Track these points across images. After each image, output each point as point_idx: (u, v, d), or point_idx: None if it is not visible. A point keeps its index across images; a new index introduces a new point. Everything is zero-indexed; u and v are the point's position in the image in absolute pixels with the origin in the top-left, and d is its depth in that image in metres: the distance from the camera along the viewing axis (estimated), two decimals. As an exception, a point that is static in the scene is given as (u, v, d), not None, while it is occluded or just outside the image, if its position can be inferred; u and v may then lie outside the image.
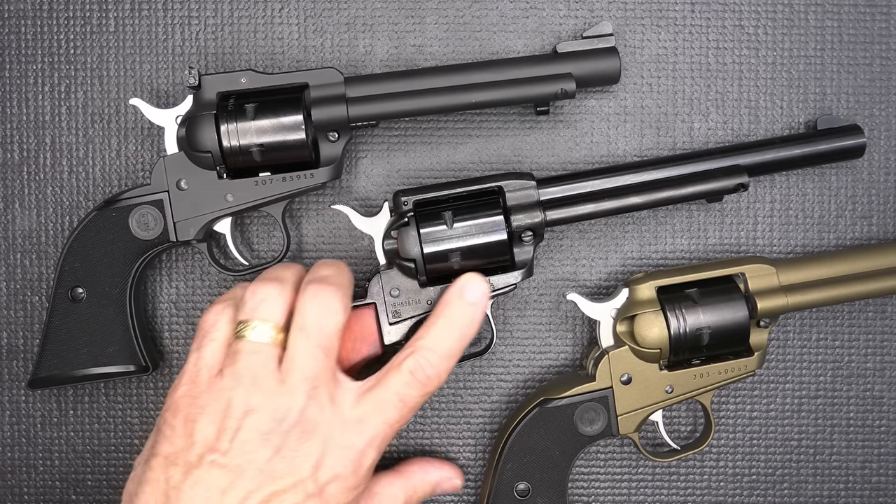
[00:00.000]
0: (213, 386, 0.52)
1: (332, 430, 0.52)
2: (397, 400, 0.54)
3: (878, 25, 0.72)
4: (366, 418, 0.53)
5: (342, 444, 0.52)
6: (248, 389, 0.51)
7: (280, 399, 0.51)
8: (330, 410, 0.52)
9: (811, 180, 0.72)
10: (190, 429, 0.51)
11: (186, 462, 0.50)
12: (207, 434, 0.51)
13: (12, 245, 0.71)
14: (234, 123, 0.62)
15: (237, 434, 0.50)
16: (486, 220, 0.62)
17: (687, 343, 0.64)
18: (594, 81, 0.67)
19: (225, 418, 0.51)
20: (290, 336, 0.53)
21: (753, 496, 0.73)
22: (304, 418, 0.51)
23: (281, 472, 0.50)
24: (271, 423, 0.51)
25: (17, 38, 0.71)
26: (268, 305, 0.54)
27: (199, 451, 0.50)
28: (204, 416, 0.51)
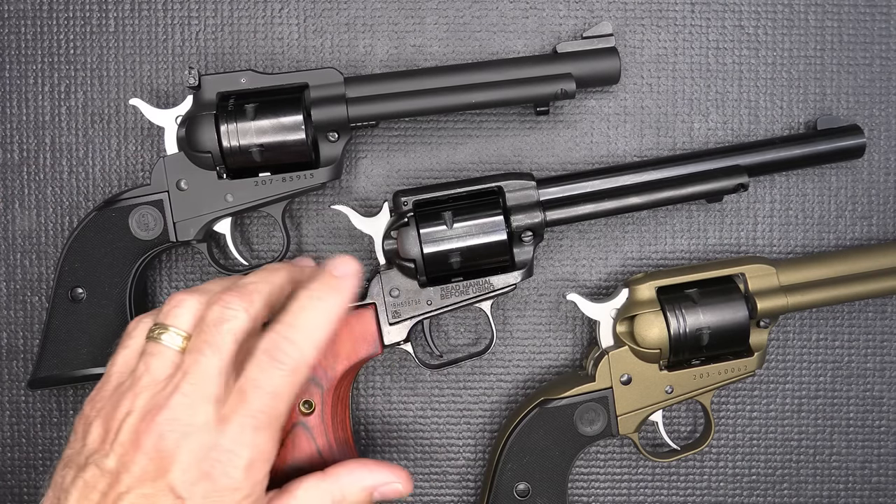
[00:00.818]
0: (115, 390, 0.52)
1: (204, 430, 0.49)
2: (253, 387, 0.50)
3: (878, 25, 0.72)
4: (230, 414, 0.50)
5: (211, 445, 0.49)
6: (137, 392, 0.50)
7: (159, 398, 0.50)
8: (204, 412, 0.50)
9: (811, 180, 0.72)
10: (85, 432, 0.51)
11: (77, 464, 0.50)
12: (95, 437, 0.50)
13: (12, 245, 0.71)
14: (233, 123, 0.62)
15: (117, 436, 0.49)
16: (485, 220, 0.62)
17: (687, 343, 0.64)
18: (594, 81, 0.67)
19: (109, 420, 0.50)
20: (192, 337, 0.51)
21: (753, 496, 0.73)
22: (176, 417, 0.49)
23: (151, 474, 0.48)
24: (146, 424, 0.49)
25: (17, 38, 0.71)
26: (179, 311, 0.52)
27: (87, 452, 0.50)
28: (98, 418, 0.51)
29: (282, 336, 0.52)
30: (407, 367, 0.72)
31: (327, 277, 0.54)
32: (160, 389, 0.50)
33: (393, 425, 0.72)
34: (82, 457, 0.50)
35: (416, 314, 0.63)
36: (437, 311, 0.64)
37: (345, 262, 0.55)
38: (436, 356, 0.68)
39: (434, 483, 0.72)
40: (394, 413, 0.72)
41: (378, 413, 0.72)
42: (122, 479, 0.49)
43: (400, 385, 0.72)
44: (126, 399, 0.50)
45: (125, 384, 0.51)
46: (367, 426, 0.72)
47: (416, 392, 0.72)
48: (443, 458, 0.72)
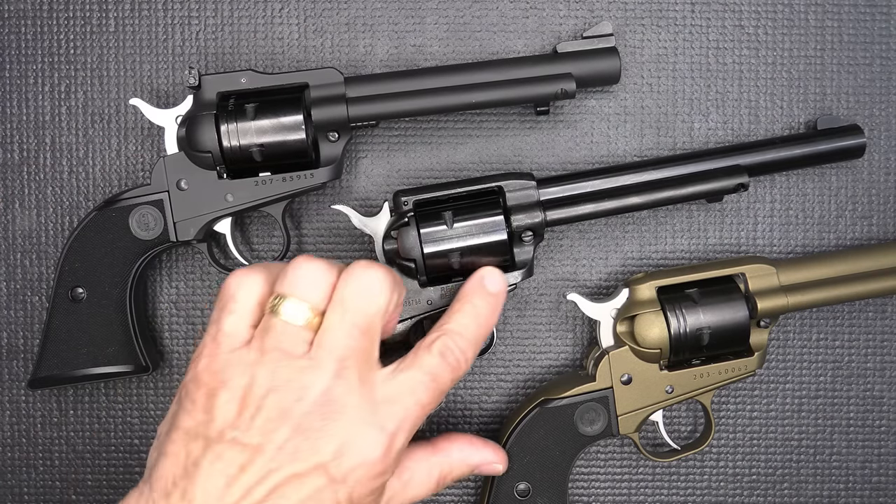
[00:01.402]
0: (236, 360, 0.50)
1: (359, 411, 0.50)
2: (429, 380, 0.52)
3: (878, 25, 0.72)
4: (396, 399, 0.51)
5: (370, 426, 0.50)
6: (274, 367, 0.49)
7: (305, 376, 0.49)
8: (358, 392, 0.50)
9: (811, 180, 0.73)
10: (211, 403, 0.49)
11: (206, 437, 0.49)
12: (228, 410, 0.49)
13: (12, 245, 0.71)
14: (234, 123, 0.62)
15: (259, 412, 0.48)
16: (486, 220, 0.62)
17: (687, 343, 0.64)
18: (594, 81, 0.67)
19: (247, 395, 0.49)
20: (328, 311, 0.51)
21: (753, 496, 0.73)
22: (330, 398, 0.49)
23: (303, 453, 0.48)
24: (293, 402, 0.49)
25: (17, 38, 0.71)
26: (309, 284, 0.51)
27: (220, 426, 0.49)
28: (225, 390, 0.49)
29: (456, 345, 0.54)
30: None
31: (487, 295, 0.57)
32: (304, 367, 0.49)
33: (393, 425, 0.72)
34: (213, 430, 0.49)
35: (416, 314, 0.63)
36: (437, 310, 0.63)
37: (496, 276, 0.58)
38: None
39: (434, 483, 0.72)
40: (394, 413, 0.72)
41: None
42: (267, 455, 0.48)
43: (400, 385, 0.72)
44: (262, 374, 0.49)
45: (251, 356, 0.50)
46: (367, 426, 0.72)
47: (417, 392, 0.72)
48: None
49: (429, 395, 0.52)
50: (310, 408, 0.49)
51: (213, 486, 0.47)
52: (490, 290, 0.57)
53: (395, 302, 0.53)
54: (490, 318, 0.57)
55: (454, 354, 0.54)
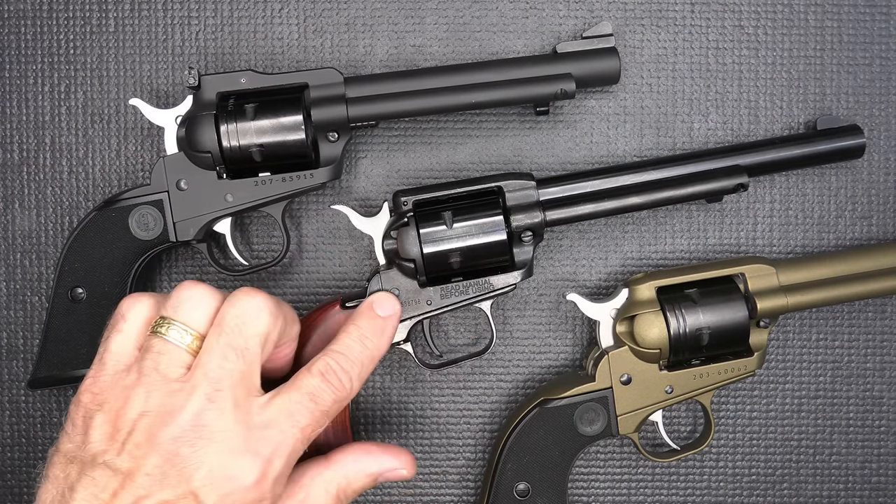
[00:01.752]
0: (116, 382, 0.50)
1: (232, 437, 0.48)
2: (307, 400, 0.51)
3: (878, 25, 0.72)
4: (273, 423, 0.49)
5: (243, 453, 0.48)
6: (148, 390, 0.49)
7: (176, 399, 0.48)
8: (232, 416, 0.49)
9: (811, 180, 0.72)
10: (87, 425, 0.49)
11: (82, 461, 0.48)
12: (102, 433, 0.48)
13: (12, 245, 0.71)
14: (233, 124, 0.62)
15: (130, 436, 0.48)
16: (485, 220, 0.62)
17: (687, 343, 0.64)
18: (594, 81, 0.67)
19: (118, 418, 0.48)
20: (208, 334, 0.50)
21: (753, 496, 0.73)
22: (201, 422, 0.48)
23: (171, 479, 0.47)
24: (162, 427, 0.48)
25: (17, 38, 0.71)
26: (191, 308, 0.51)
27: (94, 450, 0.48)
28: (101, 413, 0.49)
29: (338, 364, 0.53)
30: (407, 367, 0.72)
31: (374, 318, 0.57)
32: (176, 390, 0.49)
33: (393, 425, 0.72)
34: (87, 453, 0.48)
35: (415, 314, 0.63)
36: (436, 310, 0.63)
37: (388, 301, 0.58)
38: (436, 356, 0.68)
39: (434, 483, 0.72)
40: (394, 413, 0.72)
41: (378, 413, 0.72)
42: (137, 481, 0.47)
43: (400, 385, 0.72)
44: (136, 396, 0.49)
45: (129, 378, 0.49)
46: (366, 426, 0.72)
47: (416, 392, 0.72)
48: (443, 458, 0.72)
49: (308, 418, 0.51)
50: (179, 433, 0.48)
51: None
52: (379, 314, 0.57)
53: (277, 329, 0.52)
54: (376, 341, 0.56)
55: (335, 374, 0.52)
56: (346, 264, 0.71)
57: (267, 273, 0.71)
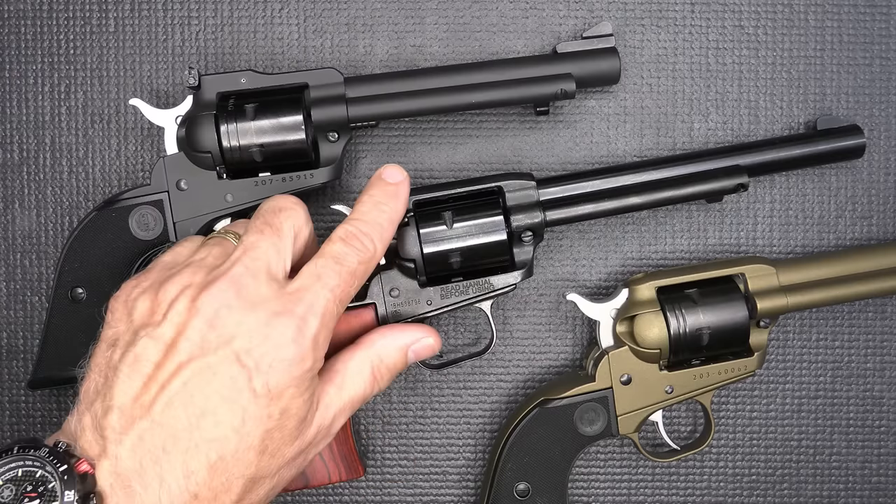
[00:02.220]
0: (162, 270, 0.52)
1: (268, 301, 0.49)
2: (333, 262, 0.52)
3: (878, 25, 0.72)
4: (303, 286, 0.51)
5: (280, 314, 0.49)
6: (194, 270, 0.51)
7: (217, 272, 0.50)
8: (266, 283, 0.50)
9: (811, 180, 0.72)
10: (130, 308, 0.50)
11: (125, 341, 0.49)
12: (143, 309, 0.50)
13: (12, 245, 0.71)
14: (233, 124, 0.62)
15: (171, 307, 0.49)
16: (485, 220, 0.62)
17: (687, 343, 0.64)
18: (594, 82, 0.67)
19: (160, 293, 0.50)
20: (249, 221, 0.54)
21: (753, 496, 0.73)
22: (238, 287, 0.49)
23: (212, 343, 0.48)
24: (203, 293, 0.49)
25: (17, 38, 0.71)
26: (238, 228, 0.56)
27: (136, 327, 0.49)
28: (145, 294, 0.50)
29: (356, 228, 0.54)
30: (407, 368, 0.72)
31: (385, 184, 0.57)
32: (219, 264, 0.51)
33: (393, 425, 0.72)
34: (129, 333, 0.49)
35: (415, 314, 0.63)
36: (436, 310, 0.63)
37: (395, 169, 0.58)
38: (435, 356, 0.68)
39: (434, 483, 0.72)
40: (394, 413, 0.72)
41: (378, 413, 0.72)
42: (179, 348, 0.48)
43: (400, 385, 0.72)
44: (181, 275, 0.50)
45: (178, 266, 0.52)
46: (367, 426, 0.72)
47: (416, 392, 0.72)
48: (443, 458, 0.72)
49: (336, 278, 0.52)
50: (219, 297, 0.49)
51: (131, 387, 0.47)
52: (388, 181, 0.57)
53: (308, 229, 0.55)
54: (392, 204, 0.57)
55: (356, 237, 0.54)
56: (346, 264, 0.71)
57: (267, 273, 0.71)
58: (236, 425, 0.47)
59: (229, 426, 0.47)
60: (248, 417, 0.48)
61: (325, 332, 0.51)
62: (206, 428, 0.47)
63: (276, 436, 0.49)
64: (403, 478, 0.72)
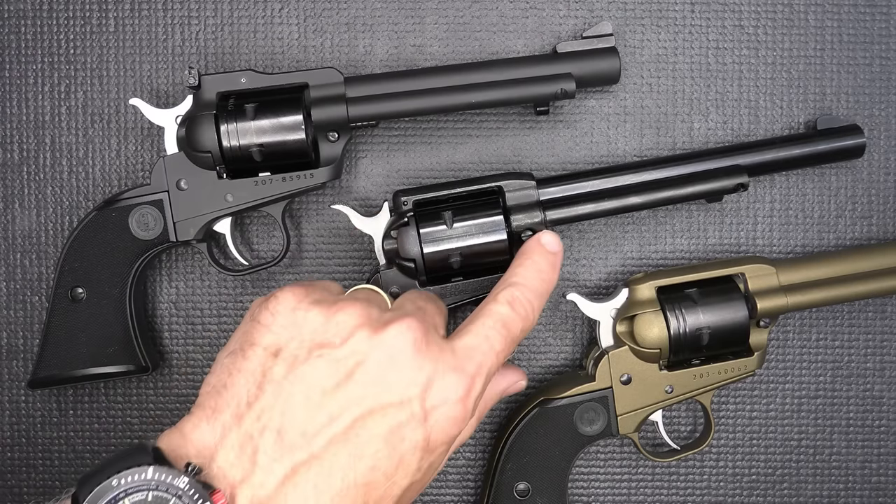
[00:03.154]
0: (326, 287, 0.52)
1: (442, 355, 0.48)
2: (500, 326, 0.52)
3: (878, 25, 0.72)
4: (473, 346, 0.50)
5: (452, 370, 0.48)
6: (366, 305, 0.49)
7: (393, 315, 0.50)
8: (439, 341, 0.49)
9: (811, 180, 0.73)
10: (300, 319, 0.47)
11: (292, 356, 0.46)
12: (316, 326, 0.47)
13: (12, 245, 0.71)
14: (233, 123, 0.62)
15: (353, 332, 0.47)
16: (485, 220, 0.62)
17: (687, 343, 0.64)
18: (594, 81, 0.67)
19: (335, 313, 0.48)
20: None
21: (753, 496, 0.73)
22: (420, 337, 0.48)
23: (392, 384, 0.46)
24: (386, 330, 0.48)
25: (17, 38, 0.71)
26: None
27: (309, 344, 0.46)
28: (317, 307, 0.48)
29: (521, 293, 0.54)
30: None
31: (546, 253, 0.57)
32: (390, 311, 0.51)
33: (393, 425, 0.72)
34: (300, 347, 0.46)
35: (416, 314, 0.63)
36: (437, 310, 0.63)
37: (554, 238, 0.58)
38: None
39: (434, 483, 0.72)
40: (394, 413, 0.72)
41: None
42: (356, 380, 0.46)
43: (400, 385, 0.72)
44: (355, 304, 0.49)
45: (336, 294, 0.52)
46: (367, 426, 0.72)
47: (416, 392, 0.72)
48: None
49: (502, 342, 0.51)
50: (403, 340, 0.47)
51: (297, 411, 0.44)
52: (548, 249, 0.57)
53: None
54: (550, 274, 0.57)
55: (521, 304, 0.54)
56: (346, 264, 0.71)
57: (267, 273, 0.71)
58: (390, 473, 0.46)
59: (383, 473, 0.45)
60: (402, 467, 0.46)
61: (483, 392, 0.51)
62: (362, 471, 0.45)
63: (415, 487, 0.48)
64: (403, 478, 0.72)
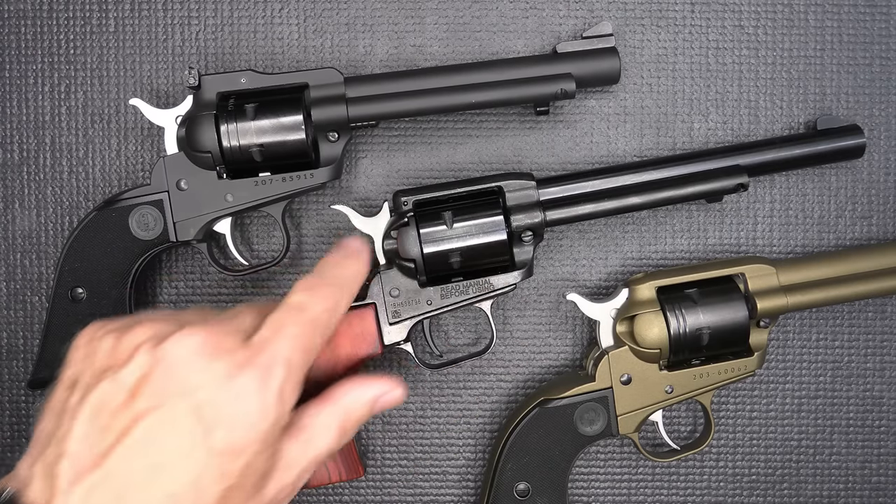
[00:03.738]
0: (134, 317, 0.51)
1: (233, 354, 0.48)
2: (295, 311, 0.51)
3: (878, 25, 0.72)
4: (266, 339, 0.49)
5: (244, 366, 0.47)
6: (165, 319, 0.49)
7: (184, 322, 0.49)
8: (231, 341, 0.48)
9: (811, 180, 0.72)
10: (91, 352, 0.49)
11: (84, 384, 0.47)
12: (105, 351, 0.48)
13: (12, 245, 0.71)
14: (233, 123, 0.62)
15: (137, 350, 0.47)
16: (485, 220, 0.62)
17: (687, 343, 0.64)
18: (594, 81, 0.67)
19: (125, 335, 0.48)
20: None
21: (753, 496, 0.73)
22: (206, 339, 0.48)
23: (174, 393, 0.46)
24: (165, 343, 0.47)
25: (17, 38, 0.71)
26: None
27: (97, 370, 0.47)
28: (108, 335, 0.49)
29: (318, 278, 0.53)
30: (407, 367, 0.72)
31: (344, 248, 0.55)
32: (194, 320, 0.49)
33: (393, 425, 0.72)
34: (90, 374, 0.47)
35: (415, 314, 0.63)
36: (436, 311, 0.63)
37: (353, 239, 0.56)
38: (435, 356, 0.68)
39: (434, 483, 0.72)
40: (394, 413, 0.72)
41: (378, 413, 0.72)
42: (140, 395, 0.46)
43: (400, 385, 0.72)
44: (151, 322, 0.49)
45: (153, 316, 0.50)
46: (367, 426, 0.72)
47: (416, 392, 0.72)
48: (443, 458, 0.72)
49: (298, 327, 0.50)
50: (182, 351, 0.47)
51: (86, 434, 0.45)
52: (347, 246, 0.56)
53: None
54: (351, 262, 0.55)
55: (318, 287, 0.52)
56: (346, 264, 0.71)
57: (267, 273, 0.71)
58: (193, 481, 0.45)
59: (186, 482, 0.45)
60: (205, 474, 0.45)
61: (291, 384, 0.49)
62: (163, 483, 0.45)
63: (235, 494, 0.47)
64: (403, 478, 0.72)
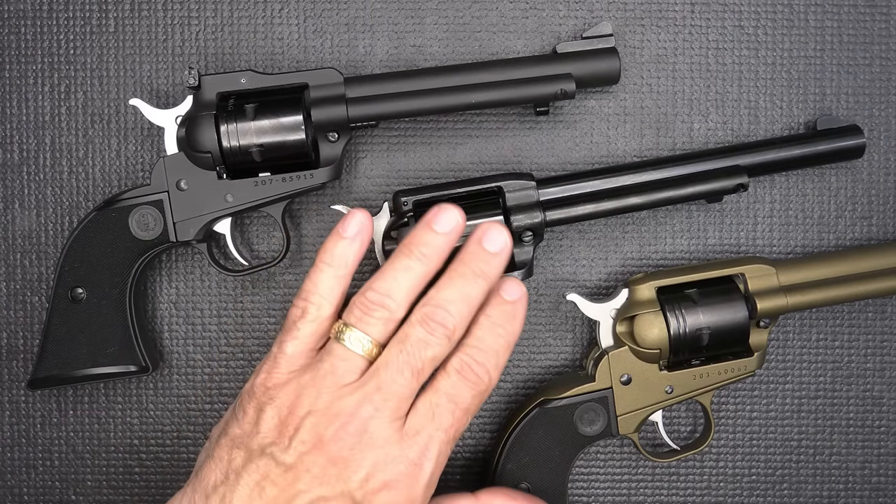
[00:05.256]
0: (290, 380, 0.52)
1: (389, 444, 0.51)
2: (447, 401, 0.52)
3: (878, 25, 0.72)
4: (420, 428, 0.51)
5: (397, 459, 0.50)
6: (319, 390, 0.51)
7: (345, 403, 0.51)
8: (390, 426, 0.51)
9: (811, 180, 0.73)
10: (258, 417, 0.52)
11: (249, 448, 0.51)
12: (271, 426, 0.51)
13: (12, 245, 0.71)
14: (233, 124, 0.62)
15: (297, 433, 0.50)
16: (486, 220, 0.62)
17: (687, 343, 0.64)
18: (594, 82, 0.67)
19: (289, 415, 0.51)
20: (389, 345, 0.52)
21: (753, 496, 0.73)
22: (366, 429, 0.50)
23: (331, 479, 0.50)
24: (329, 428, 0.50)
25: (17, 38, 0.71)
26: (375, 323, 0.53)
27: (261, 441, 0.51)
28: (272, 407, 0.52)
29: (472, 358, 0.53)
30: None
31: (503, 303, 0.55)
32: (347, 394, 0.51)
33: (393, 425, 0.72)
34: (255, 443, 0.51)
35: (415, 314, 0.63)
36: (437, 311, 0.63)
37: (514, 285, 0.56)
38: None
39: (434, 483, 0.72)
40: (394, 413, 0.72)
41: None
42: (300, 477, 0.50)
43: (400, 385, 0.72)
44: (307, 395, 0.51)
45: (304, 378, 0.52)
46: (367, 426, 0.72)
47: (416, 392, 0.72)
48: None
49: (450, 418, 0.52)
50: (344, 436, 0.50)
51: (247, 496, 0.50)
52: (507, 298, 0.56)
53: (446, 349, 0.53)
54: (508, 326, 0.55)
55: (471, 370, 0.53)
56: (346, 264, 0.71)
57: (267, 273, 0.71)
58: None
59: None
60: None
61: (437, 474, 0.52)
62: None
63: None
64: (403, 478, 0.72)
